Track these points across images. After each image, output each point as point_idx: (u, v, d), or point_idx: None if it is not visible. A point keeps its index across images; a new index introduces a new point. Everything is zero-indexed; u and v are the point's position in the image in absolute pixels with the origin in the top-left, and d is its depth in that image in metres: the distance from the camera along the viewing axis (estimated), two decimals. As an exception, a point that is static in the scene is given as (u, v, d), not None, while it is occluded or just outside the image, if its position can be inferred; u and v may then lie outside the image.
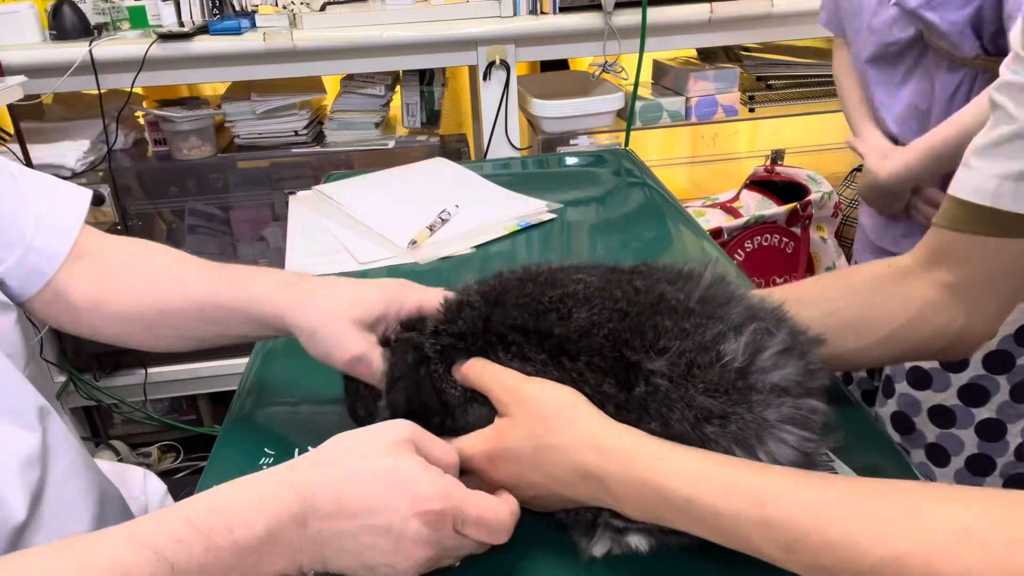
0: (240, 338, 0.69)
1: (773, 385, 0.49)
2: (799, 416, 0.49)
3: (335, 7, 1.84)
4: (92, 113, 1.87)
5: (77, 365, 2.02)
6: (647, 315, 0.52)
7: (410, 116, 2.03)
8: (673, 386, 0.49)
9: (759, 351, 0.50)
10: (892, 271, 0.66)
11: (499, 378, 0.55)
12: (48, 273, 0.69)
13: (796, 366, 0.51)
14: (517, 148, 1.92)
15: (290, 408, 0.72)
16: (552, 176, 1.38)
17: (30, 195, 0.70)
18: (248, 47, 1.74)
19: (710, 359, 0.50)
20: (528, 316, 0.55)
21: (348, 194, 1.21)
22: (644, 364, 0.50)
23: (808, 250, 2.11)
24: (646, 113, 1.95)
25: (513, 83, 1.85)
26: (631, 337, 0.51)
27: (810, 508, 0.42)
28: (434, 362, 0.58)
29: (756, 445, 0.48)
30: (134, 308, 0.70)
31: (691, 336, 0.51)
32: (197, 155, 1.94)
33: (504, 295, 0.57)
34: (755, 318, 0.53)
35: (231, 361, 2.06)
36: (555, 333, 0.54)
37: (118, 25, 1.88)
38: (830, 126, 2.52)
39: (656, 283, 0.56)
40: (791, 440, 0.49)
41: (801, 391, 0.50)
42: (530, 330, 0.55)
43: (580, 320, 0.53)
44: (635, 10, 1.75)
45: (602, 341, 0.52)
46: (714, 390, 0.49)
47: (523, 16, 1.82)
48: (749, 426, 0.48)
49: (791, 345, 0.51)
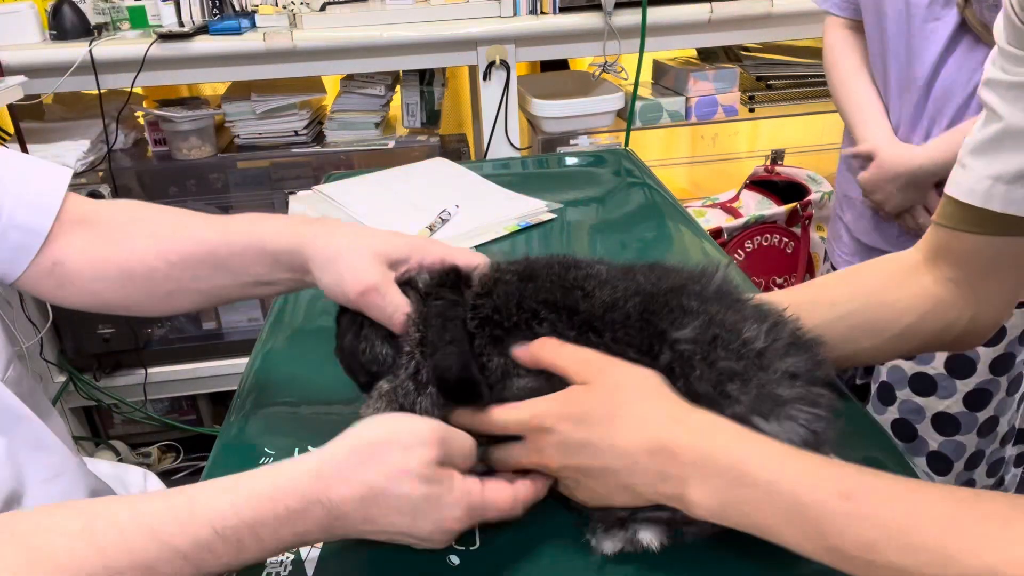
0: (252, 286, 0.67)
1: (784, 370, 0.51)
2: (809, 396, 0.51)
3: (335, 7, 1.84)
4: (92, 113, 1.87)
5: (77, 365, 2.02)
6: (671, 296, 0.55)
7: (410, 116, 2.03)
8: (698, 348, 0.52)
9: (776, 339, 0.53)
10: (900, 268, 0.66)
11: (578, 355, 0.54)
12: (34, 248, 0.67)
13: (804, 357, 0.53)
14: (517, 148, 1.92)
15: (290, 408, 0.72)
16: (552, 176, 1.38)
17: (5, 174, 0.68)
18: (248, 47, 1.74)
19: (733, 336, 0.52)
20: (557, 292, 0.56)
21: (348, 194, 1.21)
22: (670, 333, 0.53)
23: (808, 250, 2.11)
24: (646, 113, 1.95)
25: (513, 83, 1.85)
26: (657, 309, 0.54)
27: (900, 507, 0.41)
28: (477, 335, 0.56)
29: (769, 416, 0.50)
30: (139, 263, 0.67)
31: (714, 317, 0.53)
32: (197, 155, 1.94)
33: (535, 273, 0.58)
34: (765, 314, 0.55)
35: (231, 361, 2.06)
36: (581, 309, 0.55)
37: (118, 25, 1.88)
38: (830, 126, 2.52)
39: (673, 275, 0.58)
40: (801, 418, 0.50)
41: (809, 379, 0.52)
42: (559, 306, 0.55)
43: (604, 297, 0.55)
44: (635, 10, 1.75)
45: (628, 312, 0.54)
46: (736, 359, 0.51)
47: (523, 16, 1.82)
48: (765, 396, 0.50)
49: (798, 340, 0.54)
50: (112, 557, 0.43)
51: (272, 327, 0.88)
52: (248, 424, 0.71)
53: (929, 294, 0.63)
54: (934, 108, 1.12)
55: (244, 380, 0.78)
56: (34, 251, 0.67)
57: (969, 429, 1.15)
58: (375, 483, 0.47)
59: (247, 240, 0.65)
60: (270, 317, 0.91)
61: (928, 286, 0.64)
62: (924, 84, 1.11)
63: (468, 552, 0.55)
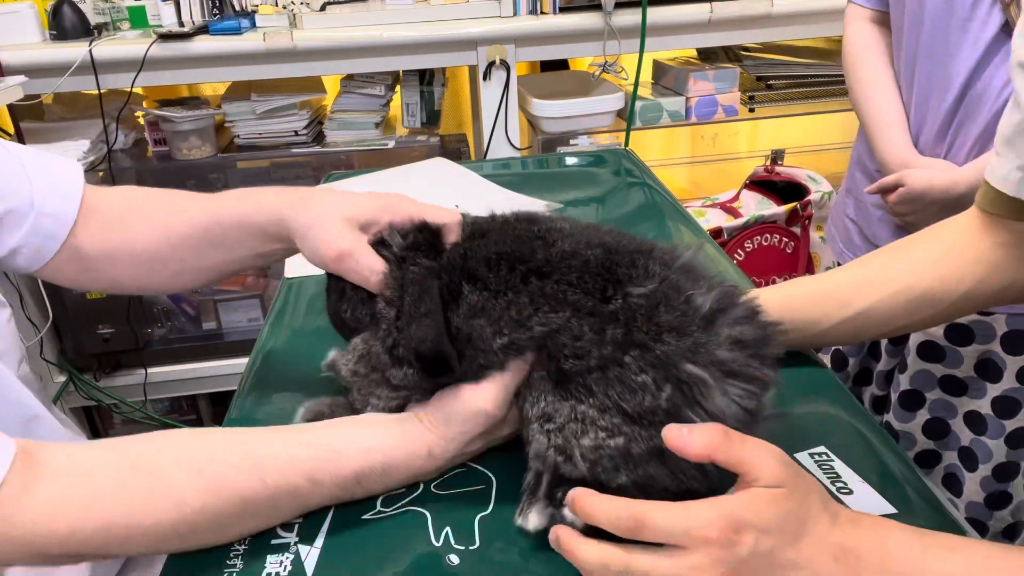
0: (249, 258, 0.70)
1: (729, 335, 0.52)
2: (747, 370, 0.51)
3: (335, 7, 1.84)
4: (92, 113, 1.87)
5: (77, 365, 2.02)
6: (637, 256, 0.55)
7: (410, 116, 2.03)
8: (648, 305, 0.52)
9: (724, 309, 0.53)
10: (955, 235, 0.67)
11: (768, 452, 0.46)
12: (62, 236, 0.71)
13: (754, 330, 0.53)
14: (517, 148, 1.92)
15: (290, 408, 0.72)
16: (552, 176, 1.38)
17: (28, 165, 0.72)
18: (248, 47, 1.74)
19: (681, 300, 0.52)
20: (511, 244, 0.56)
21: (348, 194, 1.21)
22: (626, 285, 0.53)
23: (808, 250, 2.11)
24: (646, 113, 1.95)
25: (513, 83, 1.85)
26: (620, 263, 0.54)
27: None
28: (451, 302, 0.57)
29: (699, 365, 0.50)
30: (144, 248, 0.72)
31: (670, 280, 0.53)
32: (197, 155, 1.94)
33: (491, 230, 0.59)
34: (723, 288, 0.55)
35: (231, 361, 2.06)
36: (537, 257, 0.55)
37: (118, 25, 1.88)
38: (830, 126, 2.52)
39: (645, 243, 0.58)
40: (733, 393, 0.50)
41: (754, 353, 0.52)
42: (504, 255, 0.56)
43: (564, 247, 0.55)
44: (635, 10, 1.75)
45: (588, 259, 0.54)
46: (678, 315, 0.52)
47: (523, 16, 1.82)
48: (700, 349, 0.50)
49: (752, 315, 0.54)
50: (272, 486, 0.53)
51: (272, 327, 0.88)
52: (248, 424, 0.70)
53: (986, 259, 0.64)
54: (964, 114, 1.05)
55: (244, 380, 0.78)
56: (63, 238, 0.71)
57: (999, 436, 1.12)
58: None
59: (235, 217, 0.68)
60: (270, 317, 0.91)
61: (985, 250, 0.64)
62: (960, 88, 1.04)
63: (468, 552, 0.55)
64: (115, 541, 0.50)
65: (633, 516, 0.45)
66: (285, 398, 0.74)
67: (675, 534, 0.44)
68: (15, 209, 0.69)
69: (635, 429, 0.51)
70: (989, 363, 1.11)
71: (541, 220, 0.60)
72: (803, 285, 0.75)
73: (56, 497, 0.49)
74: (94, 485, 0.50)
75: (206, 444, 0.55)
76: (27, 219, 0.70)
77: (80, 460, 0.51)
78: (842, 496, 0.57)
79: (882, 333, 0.71)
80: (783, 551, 0.44)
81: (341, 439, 0.57)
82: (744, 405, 0.51)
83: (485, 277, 0.55)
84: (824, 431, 0.65)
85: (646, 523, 0.44)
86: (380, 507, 0.59)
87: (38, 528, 0.48)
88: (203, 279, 0.74)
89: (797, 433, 0.64)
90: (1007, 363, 1.10)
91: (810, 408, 0.69)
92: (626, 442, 0.51)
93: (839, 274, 0.73)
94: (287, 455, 0.55)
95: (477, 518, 0.57)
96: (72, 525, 0.49)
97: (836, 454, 0.62)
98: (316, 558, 0.54)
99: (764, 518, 0.44)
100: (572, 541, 0.48)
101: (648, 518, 0.44)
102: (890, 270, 0.69)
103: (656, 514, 0.45)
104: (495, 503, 0.59)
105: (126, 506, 0.50)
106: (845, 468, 0.60)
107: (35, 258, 0.71)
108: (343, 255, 0.61)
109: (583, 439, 0.52)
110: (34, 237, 0.70)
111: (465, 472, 0.62)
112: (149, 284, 0.75)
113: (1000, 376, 1.10)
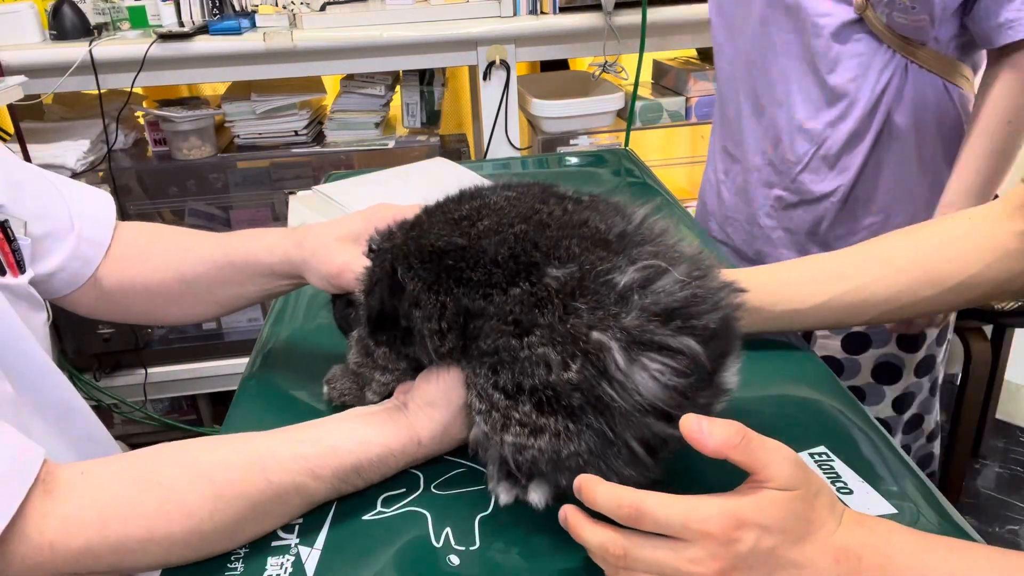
0: (258, 295, 0.75)
1: (639, 304, 0.49)
2: (658, 338, 0.48)
3: (335, 7, 1.84)
4: (92, 113, 1.87)
5: (77, 365, 2.02)
6: (563, 233, 0.53)
7: (410, 116, 2.03)
8: (562, 287, 0.51)
9: (645, 283, 0.50)
10: (971, 223, 0.67)
11: (781, 454, 0.46)
12: (96, 262, 0.74)
13: (670, 299, 0.50)
14: (517, 148, 1.92)
15: (290, 408, 0.72)
16: (552, 176, 1.38)
17: (64, 191, 0.74)
18: (248, 47, 1.74)
19: (601, 279, 0.50)
20: (437, 229, 0.57)
21: (348, 194, 1.21)
22: (543, 267, 0.52)
23: (808, 250, 2.11)
24: (646, 113, 1.95)
25: (513, 83, 1.85)
26: (539, 242, 0.53)
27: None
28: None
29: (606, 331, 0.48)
30: (158, 285, 0.75)
31: (592, 264, 0.51)
32: (197, 155, 1.94)
33: (432, 214, 0.61)
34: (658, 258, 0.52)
35: (231, 361, 2.06)
36: (456, 242, 0.55)
37: (118, 25, 1.88)
38: (830, 126, 2.52)
39: (586, 211, 0.57)
40: (653, 368, 0.48)
41: (671, 323, 0.49)
42: (430, 245, 0.56)
43: (485, 225, 0.55)
44: (635, 10, 1.75)
45: (506, 237, 0.54)
46: (594, 296, 0.50)
47: (523, 16, 1.82)
48: (608, 321, 0.49)
49: (681, 288, 0.50)
50: (277, 484, 0.54)
51: (272, 327, 0.88)
52: (248, 424, 0.70)
53: (996, 245, 0.65)
54: None
55: (244, 380, 0.78)
56: (96, 263, 0.74)
57: (897, 431, 1.18)
58: None
59: (245, 257, 0.73)
60: (270, 317, 0.91)
61: (997, 237, 0.65)
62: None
63: (468, 552, 0.55)
64: (129, 557, 0.51)
65: (633, 505, 0.45)
66: (285, 398, 0.74)
67: (673, 526, 0.44)
68: (55, 231, 0.71)
69: (552, 420, 0.50)
70: (887, 365, 1.15)
71: (477, 196, 0.60)
72: (799, 261, 0.76)
73: (72, 515, 0.50)
74: (108, 501, 0.51)
75: (213, 451, 0.56)
76: (68, 242, 0.72)
77: (93, 477, 0.52)
78: (842, 496, 0.57)
79: (881, 313, 0.70)
80: (786, 551, 0.44)
81: (339, 435, 0.58)
82: (666, 382, 0.48)
83: (416, 266, 0.57)
84: (824, 431, 0.65)
85: (645, 513, 0.45)
86: (380, 507, 0.59)
87: (56, 547, 0.49)
88: (212, 313, 0.78)
89: (797, 433, 0.64)
90: (905, 361, 1.14)
91: (810, 408, 0.69)
92: (551, 440, 0.51)
93: (841, 252, 0.73)
94: (289, 453, 0.56)
95: (477, 518, 0.57)
96: (88, 542, 0.49)
97: (836, 454, 0.62)
98: (317, 559, 0.54)
99: (770, 518, 0.44)
100: (578, 522, 0.49)
101: (648, 508, 0.45)
102: (894, 249, 0.70)
103: (656, 505, 0.45)
104: (495, 504, 0.59)
105: (140, 519, 0.51)
106: (845, 468, 0.60)
107: (70, 282, 0.73)
108: (341, 270, 0.66)
109: (505, 434, 0.53)
110: (74, 261, 0.72)
111: (465, 472, 0.62)
112: (159, 317, 0.81)
113: (899, 375, 1.15)
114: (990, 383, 1.86)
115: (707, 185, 1.31)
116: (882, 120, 1.03)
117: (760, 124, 1.14)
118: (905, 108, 1.02)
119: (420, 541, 0.56)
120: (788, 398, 0.70)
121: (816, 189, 1.10)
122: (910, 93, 1.01)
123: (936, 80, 1.01)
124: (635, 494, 0.46)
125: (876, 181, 1.07)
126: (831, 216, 1.10)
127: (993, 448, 2.05)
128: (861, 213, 1.09)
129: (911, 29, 0.98)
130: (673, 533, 0.44)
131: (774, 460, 0.45)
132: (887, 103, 1.02)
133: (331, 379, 0.69)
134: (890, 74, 1.00)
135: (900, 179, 1.06)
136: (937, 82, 1.01)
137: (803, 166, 1.09)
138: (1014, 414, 2.15)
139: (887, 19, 0.98)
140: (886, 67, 1.00)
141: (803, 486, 0.45)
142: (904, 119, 1.03)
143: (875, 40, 1.00)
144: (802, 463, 0.46)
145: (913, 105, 1.02)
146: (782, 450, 0.46)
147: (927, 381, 1.18)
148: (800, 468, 0.45)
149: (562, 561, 0.54)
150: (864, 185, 1.07)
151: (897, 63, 1.00)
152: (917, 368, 1.15)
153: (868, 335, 1.13)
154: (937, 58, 1.00)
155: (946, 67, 1.01)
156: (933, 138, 1.05)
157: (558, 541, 0.55)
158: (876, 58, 1.01)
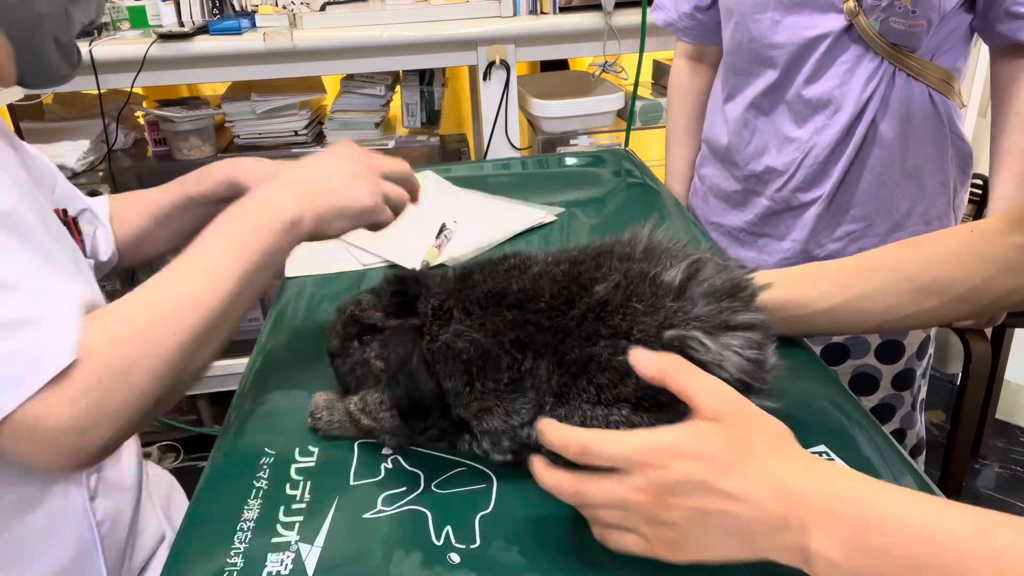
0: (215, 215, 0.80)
1: (701, 292, 0.55)
2: (729, 317, 0.54)
3: (335, 7, 1.84)
4: (92, 113, 1.87)
5: (77, 365, 2.02)
6: (599, 257, 0.59)
7: (410, 116, 2.03)
8: (613, 299, 0.55)
9: (692, 276, 0.56)
10: (974, 237, 0.68)
11: (713, 387, 0.48)
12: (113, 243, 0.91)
13: (722, 281, 0.56)
14: (517, 148, 1.92)
15: (290, 408, 0.72)
16: (552, 176, 1.38)
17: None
18: (248, 47, 1.74)
19: (647, 283, 0.55)
20: (491, 282, 0.60)
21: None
22: (591, 287, 0.56)
23: (808, 250, 2.11)
24: (646, 113, 1.95)
25: (513, 83, 1.85)
26: (583, 271, 0.58)
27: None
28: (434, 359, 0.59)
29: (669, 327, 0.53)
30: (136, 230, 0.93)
31: (633, 271, 0.56)
32: (197, 155, 1.94)
33: (471, 271, 0.62)
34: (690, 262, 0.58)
35: (231, 361, 2.05)
36: (513, 288, 0.58)
37: (118, 25, 1.88)
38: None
39: (601, 244, 0.61)
40: (735, 344, 0.53)
41: (730, 302, 0.55)
42: (493, 293, 0.59)
43: (535, 270, 0.60)
44: (635, 10, 1.76)
45: (555, 275, 0.58)
46: (651, 298, 0.55)
47: (523, 16, 1.82)
48: (676, 319, 0.53)
49: (721, 270, 0.57)
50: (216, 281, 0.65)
51: (272, 327, 0.88)
52: (248, 424, 0.71)
53: (998, 257, 0.65)
54: None
55: (244, 380, 0.78)
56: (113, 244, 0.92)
57: None
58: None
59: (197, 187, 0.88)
60: (270, 317, 0.91)
61: (999, 250, 0.65)
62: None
63: (468, 551, 0.55)
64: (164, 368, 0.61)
65: (580, 443, 0.48)
66: (285, 398, 0.74)
67: (617, 459, 0.47)
68: (88, 214, 0.87)
69: (645, 417, 0.53)
70: (863, 376, 1.15)
71: (514, 255, 0.64)
72: (806, 267, 0.76)
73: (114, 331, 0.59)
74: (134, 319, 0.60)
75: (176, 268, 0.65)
76: (96, 224, 0.88)
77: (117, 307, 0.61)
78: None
79: (884, 322, 0.70)
80: (715, 480, 0.45)
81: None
82: (748, 356, 0.53)
83: (476, 313, 0.58)
84: (824, 430, 0.65)
85: (591, 449, 0.48)
86: (381, 506, 0.59)
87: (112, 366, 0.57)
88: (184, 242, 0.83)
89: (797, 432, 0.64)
90: (882, 372, 1.14)
91: (810, 407, 0.69)
92: None
93: (845, 260, 0.74)
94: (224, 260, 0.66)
95: (477, 517, 0.58)
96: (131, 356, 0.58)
97: (836, 454, 0.62)
98: (317, 557, 0.55)
99: (697, 447, 0.46)
100: (538, 468, 0.51)
101: (594, 445, 0.48)
102: (898, 259, 0.70)
103: (601, 441, 0.48)
104: (495, 502, 0.59)
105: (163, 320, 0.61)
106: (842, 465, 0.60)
107: (108, 249, 0.89)
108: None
109: None
110: (108, 245, 0.90)
111: (465, 472, 0.62)
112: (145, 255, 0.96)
113: (876, 386, 1.15)
114: (990, 383, 1.86)
115: (695, 191, 1.32)
116: (866, 128, 1.03)
117: (746, 132, 1.14)
118: (890, 116, 1.02)
119: (420, 540, 0.56)
120: (788, 397, 0.70)
121: (802, 197, 1.10)
122: (895, 102, 1.02)
123: (922, 88, 1.01)
124: (584, 433, 0.49)
125: (858, 188, 1.07)
126: (812, 222, 1.10)
127: (993, 448, 2.06)
128: (843, 219, 1.09)
129: (906, 35, 0.98)
130: (619, 466, 0.47)
131: (704, 390, 0.48)
132: (872, 111, 1.02)
133: (315, 410, 0.67)
134: (876, 82, 1.01)
135: (882, 187, 1.06)
136: (923, 91, 1.02)
137: (790, 175, 1.09)
138: (1014, 414, 2.15)
139: (880, 26, 0.98)
140: (872, 75, 1.00)
141: (732, 418, 0.47)
142: (889, 127, 1.03)
143: (862, 47, 1.00)
144: (739, 398, 0.48)
145: (898, 113, 1.02)
146: (714, 382, 0.49)
147: (908, 395, 1.17)
148: (730, 401, 0.48)
149: (562, 560, 0.54)
150: (846, 192, 1.07)
151: (884, 71, 1.00)
152: (895, 380, 1.15)
153: (847, 346, 1.13)
154: (925, 66, 1.00)
155: (933, 75, 1.01)
156: (917, 147, 1.05)
157: (558, 540, 0.55)
158: (861, 66, 1.01)
